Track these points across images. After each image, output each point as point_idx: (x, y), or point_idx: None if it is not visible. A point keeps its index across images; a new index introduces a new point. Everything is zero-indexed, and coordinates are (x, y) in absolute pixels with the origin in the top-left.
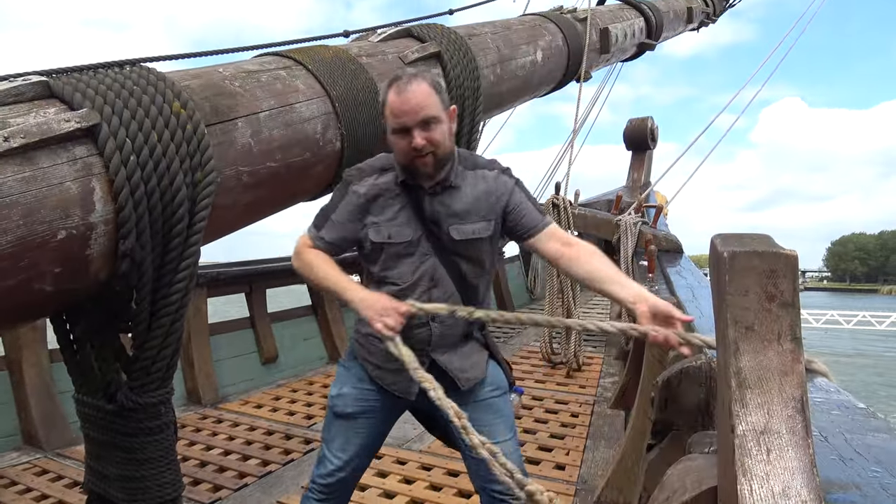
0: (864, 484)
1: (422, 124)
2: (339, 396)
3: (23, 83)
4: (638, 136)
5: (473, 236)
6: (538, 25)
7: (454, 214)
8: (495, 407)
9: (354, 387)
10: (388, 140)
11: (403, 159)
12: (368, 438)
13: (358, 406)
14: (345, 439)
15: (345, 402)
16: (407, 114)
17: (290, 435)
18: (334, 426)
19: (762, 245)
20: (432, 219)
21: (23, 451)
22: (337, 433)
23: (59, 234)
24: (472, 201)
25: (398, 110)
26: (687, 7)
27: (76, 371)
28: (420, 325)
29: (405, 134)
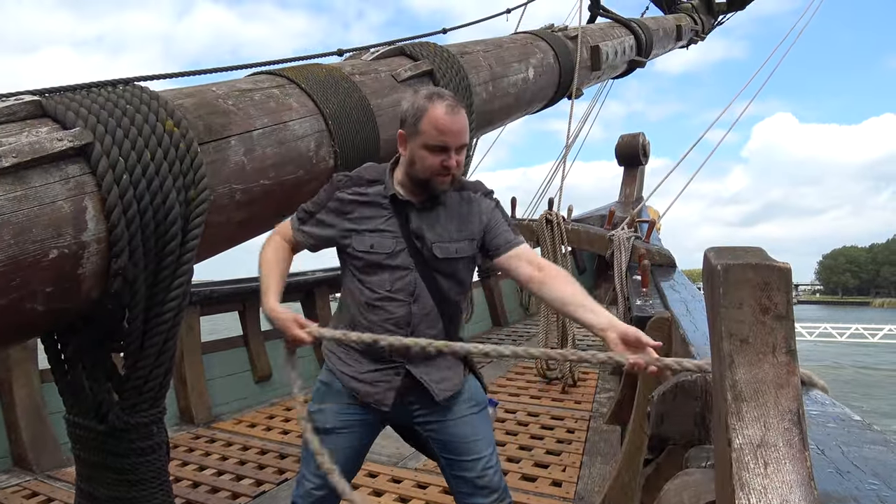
0: (862, 496)
1: (458, 149)
2: (320, 412)
3: (15, 102)
4: (629, 152)
5: (456, 255)
6: (529, 43)
7: (438, 232)
8: (474, 423)
9: (334, 402)
10: (411, 151)
11: (426, 174)
12: (349, 455)
13: (339, 421)
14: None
15: (325, 417)
16: (453, 135)
17: (284, 454)
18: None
19: (756, 258)
20: (417, 234)
21: (13, 474)
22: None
23: (51, 253)
24: (457, 221)
25: (446, 129)
26: (676, 25)
27: (67, 391)
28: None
29: (441, 152)
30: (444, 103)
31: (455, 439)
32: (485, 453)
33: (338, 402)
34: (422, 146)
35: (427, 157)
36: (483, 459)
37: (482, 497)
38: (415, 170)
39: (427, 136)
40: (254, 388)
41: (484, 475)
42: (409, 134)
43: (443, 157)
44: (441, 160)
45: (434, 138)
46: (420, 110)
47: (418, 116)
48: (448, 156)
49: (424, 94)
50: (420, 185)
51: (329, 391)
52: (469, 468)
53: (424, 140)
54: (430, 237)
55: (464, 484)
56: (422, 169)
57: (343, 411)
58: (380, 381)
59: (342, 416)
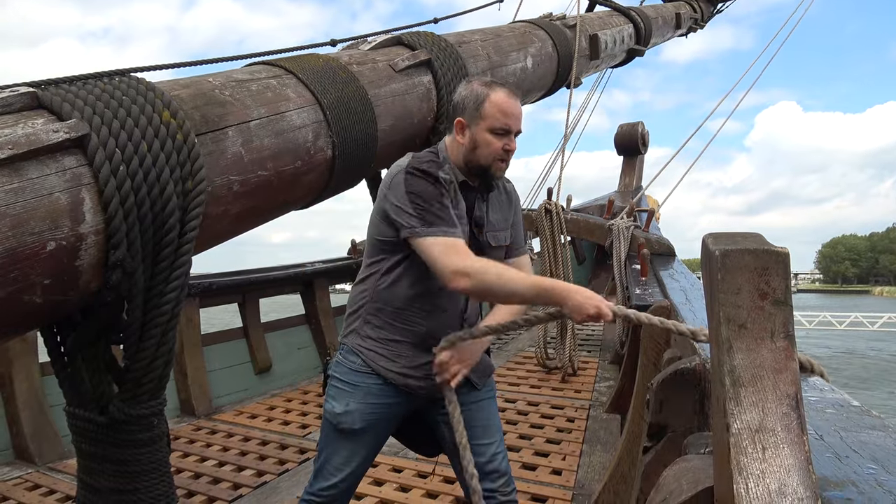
0: (860, 481)
1: (516, 133)
2: (347, 414)
3: (10, 94)
4: (629, 141)
5: (503, 243)
6: (528, 32)
7: (492, 221)
8: (489, 408)
9: (362, 402)
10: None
11: (488, 159)
12: (372, 450)
13: (366, 421)
14: (350, 454)
15: (353, 418)
16: (515, 118)
17: (284, 445)
18: (338, 442)
19: (754, 243)
20: (478, 222)
21: (14, 466)
22: (340, 448)
23: (48, 246)
24: (502, 211)
25: (510, 112)
26: (675, 13)
27: (67, 383)
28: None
29: (503, 136)
30: (504, 89)
31: (470, 423)
32: (495, 438)
33: (365, 402)
34: (486, 129)
35: (492, 142)
36: (494, 444)
37: (490, 481)
38: (477, 155)
39: (492, 120)
40: (254, 379)
41: (493, 459)
42: (471, 119)
43: (505, 141)
44: (503, 144)
45: (499, 121)
46: (481, 96)
47: (480, 101)
48: (509, 139)
49: (481, 82)
50: (478, 173)
51: (356, 391)
52: (480, 452)
53: (489, 124)
54: (487, 225)
55: None
56: (485, 154)
57: (371, 411)
58: (431, 374)
59: (369, 417)
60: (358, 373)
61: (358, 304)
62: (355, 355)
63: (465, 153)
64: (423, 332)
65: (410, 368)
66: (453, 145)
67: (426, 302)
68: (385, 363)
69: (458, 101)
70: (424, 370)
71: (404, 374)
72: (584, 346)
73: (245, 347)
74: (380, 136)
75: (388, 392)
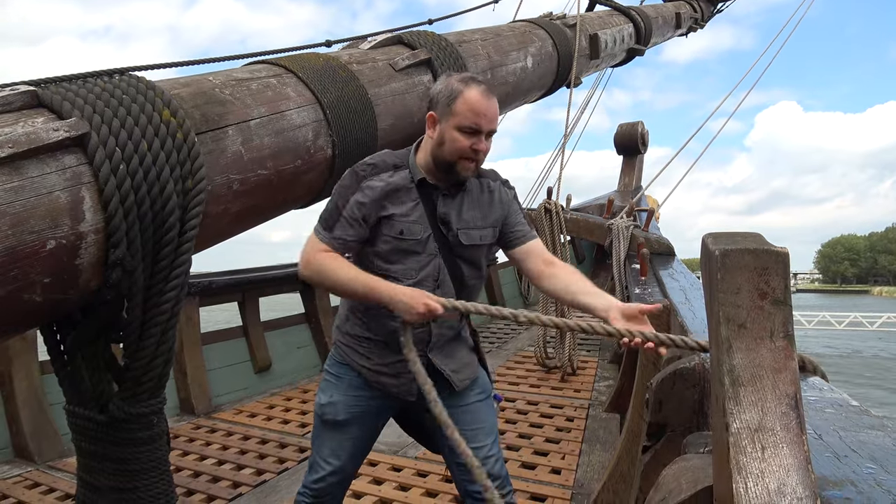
0: (859, 480)
1: (488, 133)
2: (330, 405)
3: (11, 93)
4: (628, 141)
5: (480, 242)
6: (528, 32)
7: (464, 219)
8: (479, 411)
9: (345, 394)
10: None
11: (453, 156)
12: (359, 443)
13: (349, 413)
14: (336, 445)
15: (336, 409)
16: (486, 118)
17: (284, 443)
18: (324, 434)
19: (753, 243)
20: (443, 220)
21: (14, 464)
22: (327, 440)
23: (48, 244)
24: (480, 209)
25: (480, 111)
26: (675, 13)
27: (67, 382)
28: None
29: (472, 135)
30: (479, 87)
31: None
32: (486, 442)
33: (348, 394)
34: (454, 127)
35: (458, 139)
36: (485, 448)
37: None
38: (442, 151)
39: (461, 118)
40: (254, 378)
41: (485, 463)
42: (442, 115)
43: (473, 141)
44: (471, 143)
45: (468, 119)
46: (455, 91)
47: (453, 97)
48: (479, 139)
49: (458, 78)
50: (444, 170)
51: (340, 383)
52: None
53: (458, 121)
54: (456, 223)
55: (466, 471)
56: (450, 151)
57: (353, 403)
58: (403, 372)
59: (353, 409)
60: (342, 364)
61: (342, 301)
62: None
63: (433, 148)
64: (390, 331)
65: (383, 365)
66: (426, 141)
67: None
68: (359, 359)
69: (433, 94)
70: (396, 368)
71: (377, 370)
72: (583, 345)
73: (245, 346)
74: (380, 135)
75: (368, 385)
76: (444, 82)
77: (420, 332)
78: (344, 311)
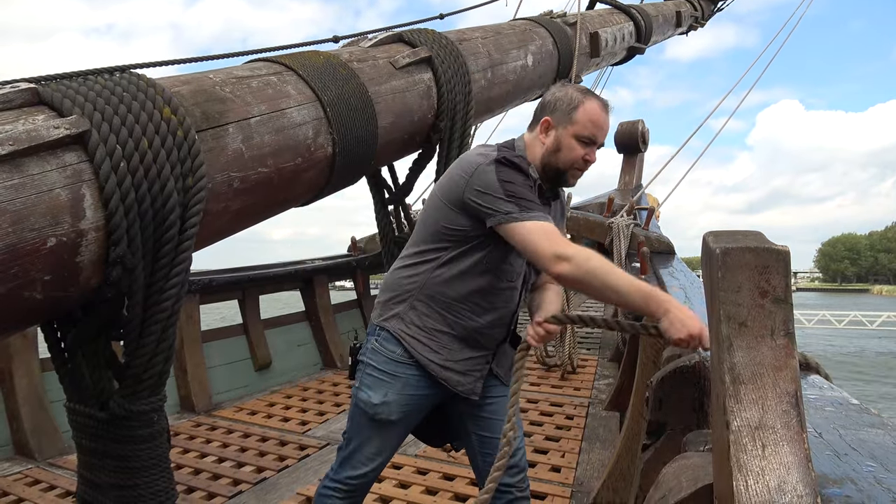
0: (859, 478)
1: (599, 146)
2: (384, 405)
3: (11, 90)
4: (628, 139)
5: None
6: (528, 30)
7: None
8: None
9: (400, 393)
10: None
11: (567, 165)
12: (402, 438)
13: (402, 413)
14: (383, 444)
15: (390, 409)
16: (602, 131)
17: (284, 441)
18: (371, 431)
19: (754, 241)
20: None
21: (14, 462)
22: (374, 438)
23: (49, 242)
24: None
25: (599, 123)
26: (676, 11)
27: (68, 379)
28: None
29: (588, 145)
30: (600, 100)
31: (495, 416)
32: (518, 434)
33: (403, 394)
34: (573, 135)
35: (575, 148)
36: (516, 440)
37: (509, 476)
38: (557, 158)
39: (581, 127)
40: (254, 376)
41: (515, 454)
42: (560, 122)
43: (587, 151)
44: (586, 153)
45: (588, 130)
46: (576, 100)
47: (574, 106)
48: (592, 150)
49: (577, 88)
50: (553, 176)
51: (395, 382)
52: None
53: (577, 130)
54: None
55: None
56: (565, 159)
57: (406, 402)
58: (472, 370)
59: (405, 408)
60: (398, 363)
61: (404, 289)
62: (396, 343)
63: (546, 154)
64: (472, 328)
65: (453, 361)
66: (533, 143)
67: (482, 298)
68: (427, 353)
69: (550, 100)
70: (466, 365)
71: (446, 366)
72: (583, 343)
73: (245, 344)
74: (380, 133)
75: (425, 384)
76: (562, 90)
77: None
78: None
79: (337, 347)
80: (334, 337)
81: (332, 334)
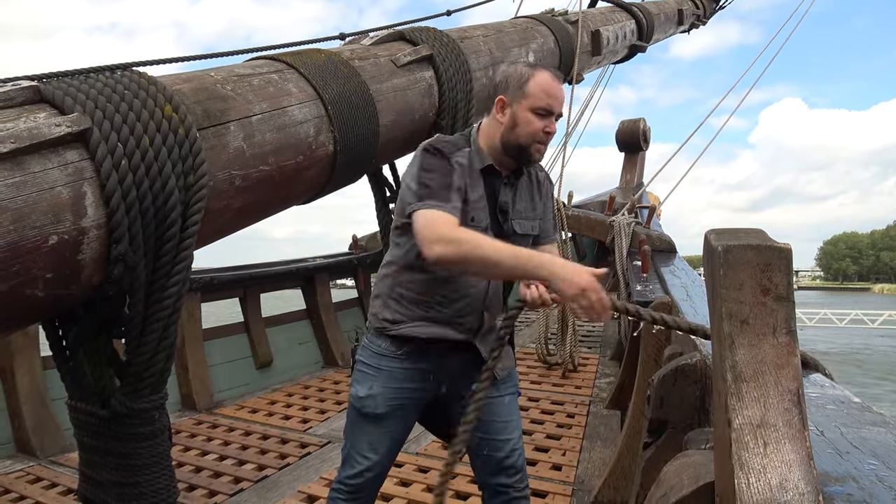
0: (861, 476)
1: (557, 116)
2: (369, 398)
3: (12, 88)
4: (630, 138)
5: (531, 232)
6: (530, 28)
7: (518, 209)
8: (511, 405)
9: (385, 386)
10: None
11: (527, 140)
12: (396, 436)
13: (388, 406)
14: (374, 439)
15: (375, 402)
16: (557, 100)
17: (285, 439)
18: (361, 427)
19: (756, 239)
20: (502, 208)
21: (16, 459)
22: (364, 433)
23: (50, 240)
24: (531, 199)
25: (552, 92)
26: (677, 9)
27: (69, 377)
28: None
29: (544, 117)
30: (550, 71)
31: (493, 418)
32: (515, 435)
33: (387, 386)
34: (528, 109)
35: (532, 121)
36: (513, 441)
37: (506, 476)
38: (516, 134)
39: (535, 99)
40: (255, 374)
41: (511, 455)
42: (513, 98)
43: (546, 123)
44: (545, 125)
45: (542, 101)
46: (525, 74)
47: (525, 80)
48: (551, 121)
49: (525, 63)
50: (515, 153)
51: (379, 375)
52: (499, 447)
53: (531, 102)
54: (512, 213)
55: (490, 462)
56: (525, 134)
57: (393, 395)
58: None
59: (392, 401)
60: (382, 356)
61: (379, 289)
62: (382, 337)
63: (504, 132)
64: (443, 319)
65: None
66: (490, 124)
67: (444, 288)
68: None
69: (501, 79)
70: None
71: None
72: (584, 342)
73: (246, 342)
74: (381, 131)
75: (410, 376)
76: (511, 67)
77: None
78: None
79: (338, 346)
80: (335, 335)
81: (333, 332)
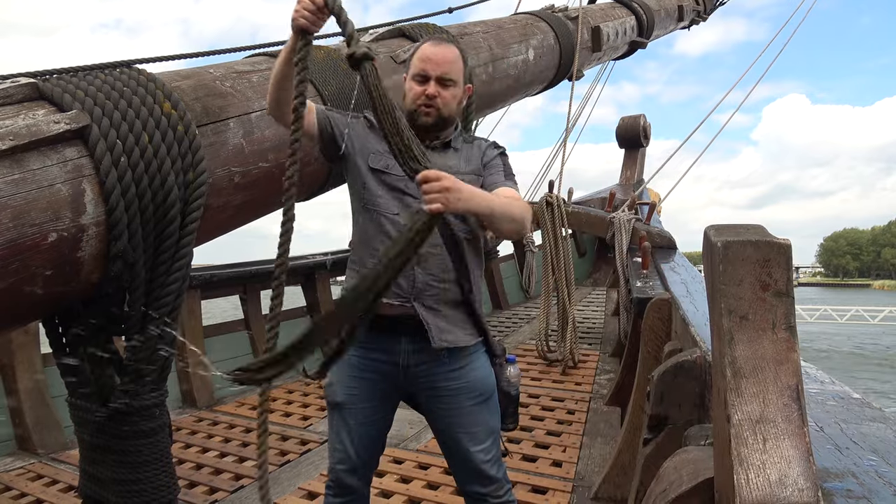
0: (860, 472)
1: (440, 80)
2: (330, 385)
3: (11, 85)
4: (630, 134)
5: None
6: (530, 24)
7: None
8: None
9: (341, 373)
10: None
11: (410, 104)
12: (362, 429)
13: (346, 395)
14: (338, 429)
15: (334, 390)
16: (433, 63)
17: (286, 436)
18: (331, 417)
19: (755, 234)
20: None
21: (17, 456)
22: (333, 423)
23: (50, 237)
24: (466, 160)
25: (426, 57)
26: (678, 5)
27: (69, 374)
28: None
29: (423, 81)
30: (433, 40)
31: (456, 428)
32: (485, 444)
33: (344, 373)
34: (409, 78)
35: (412, 87)
36: (482, 451)
37: (480, 486)
38: (405, 104)
39: (413, 68)
40: None
41: (484, 464)
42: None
43: (425, 87)
44: (423, 89)
45: (416, 68)
46: (413, 50)
47: (411, 55)
48: (429, 85)
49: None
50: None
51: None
52: (469, 458)
53: (412, 72)
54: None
55: (463, 470)
56: (409, 100)
57: (349, 384)
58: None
59: (349, 389)
60: None
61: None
62: None
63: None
64: None
65: None
66: None
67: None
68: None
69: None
70: None
71: None
72: (584, 338)
73: (246, 339)
74: None
75: (365, 366)
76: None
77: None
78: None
79: None
80: None
81: None
